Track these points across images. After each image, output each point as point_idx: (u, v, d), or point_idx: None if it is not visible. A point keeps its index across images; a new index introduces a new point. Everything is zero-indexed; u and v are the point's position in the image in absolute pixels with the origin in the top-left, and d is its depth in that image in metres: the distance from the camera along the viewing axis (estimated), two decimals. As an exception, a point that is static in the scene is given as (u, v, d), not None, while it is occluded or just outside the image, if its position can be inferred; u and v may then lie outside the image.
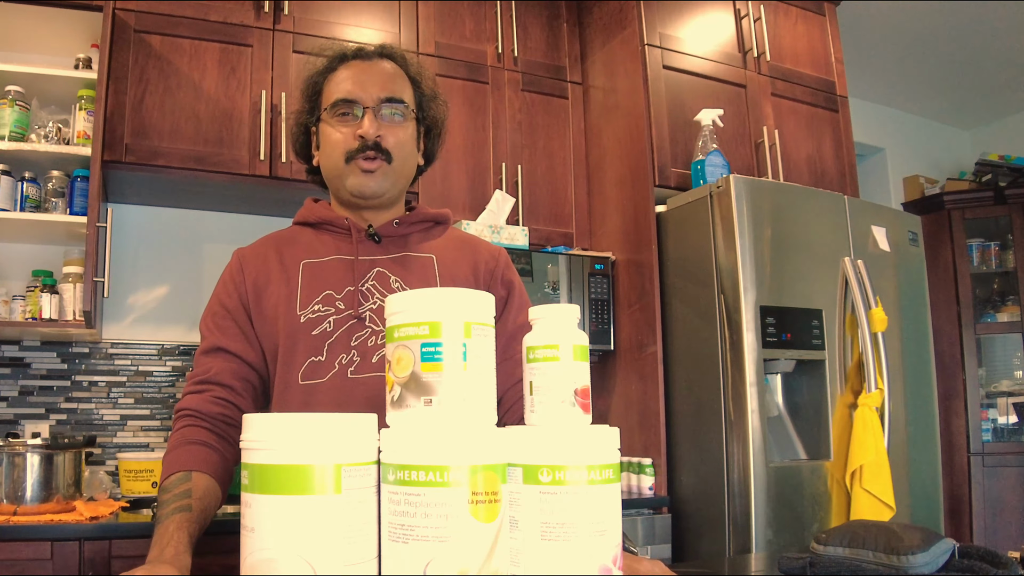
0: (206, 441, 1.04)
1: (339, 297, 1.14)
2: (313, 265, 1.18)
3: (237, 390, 1.12)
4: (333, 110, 1.18)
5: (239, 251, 1.24)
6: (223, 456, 1.06)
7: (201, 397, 1.10)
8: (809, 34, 3.10)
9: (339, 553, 0.60)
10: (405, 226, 1.23)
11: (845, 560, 0.94)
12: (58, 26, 2.34)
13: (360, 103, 1.16)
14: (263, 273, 1.18)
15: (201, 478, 0.99)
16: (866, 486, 2.22)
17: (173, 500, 0.92)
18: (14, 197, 2.20)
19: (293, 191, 2.45)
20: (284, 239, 1.24)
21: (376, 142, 1.15)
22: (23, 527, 1.71)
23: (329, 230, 1.22)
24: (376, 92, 1.17)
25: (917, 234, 2.73)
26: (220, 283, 1.21)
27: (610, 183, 2.79)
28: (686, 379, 2.44)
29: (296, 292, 1.15)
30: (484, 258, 1.26)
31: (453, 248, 1.25)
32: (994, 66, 4.05)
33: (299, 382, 1.10)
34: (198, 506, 0.93)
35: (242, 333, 1.15)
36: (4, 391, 2.39)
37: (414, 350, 0.65)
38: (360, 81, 1.18)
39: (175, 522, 0.87)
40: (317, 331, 1.12)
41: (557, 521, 0.65)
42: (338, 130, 1.17)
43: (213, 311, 1.18)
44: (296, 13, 2.51)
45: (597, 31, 2.93)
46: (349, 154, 1.16)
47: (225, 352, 1.13)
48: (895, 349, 2.50)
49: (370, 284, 1.16)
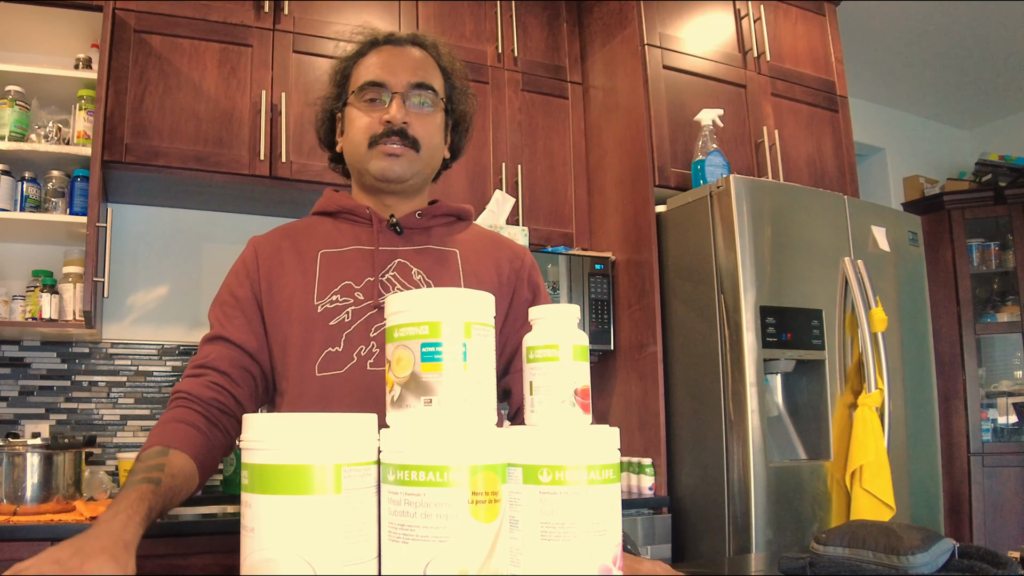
0: (193, 422, 1.02)
1: (358, 288, 1.11)
2: (332, 255, 1.15)
3: (234, 378, 1.10)
4: (360, 94, 1.15)
5: (255, 239, 1.21)
6: (208, 440, 1.03)
7: (197, 381, 1.08)
8: (809, 34, 3.10)
9: (339, 553, 0.60)
10: (427, 218, 1.20)
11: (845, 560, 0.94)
12: (58, 26, 2.34)
13: (389, 87, 1.14)
14: (278, 263, 1.16)
15: (179, 456, 0.96)
16: (866, 486, 2.22)
17: (143, 471, 0.89)
18: (14, 197, 2.20)
19: (293, 191, 2.46)
20: (301, 228, 1.21)
21: (402, 128, 1.12)
22: (23, 527, 1.71)
23: (349, 219, 1.19)
24: (406, 77, 1.14)
25: (917, 234, 2.73)
26: (232, 271, 1.18)
27: (610, 183, 2.79)
28: (686, 379, 2.44)
29: (313, 282, 1.12)
30: (508, 256, 1.23)
31: (477, 244, 1.22)
32: (994, 66, 4.05)
33: (316, 374, 1.08)
34: (168, 482, 0.89)
35: (248, 323, 1.13)
36: (4, 391, 2.39)
37: (414, 350, 0.65)
38: (390, 66, 1.15)
39: (138, 492, 0.83)
40: (335, 321, 1.09)
41: (557, 521, 0.65)
42: (365, 114, 1.14)
43: (222, 300, 1.16)
44: (296, 13, 2.51)
45: (597, 31, 2.93)
46: (374, 138, 1.13)
47: (226, 341, 1.11)
48: (895, 349, 2.50)
49: (391, 275, 1.13)
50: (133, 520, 0.77)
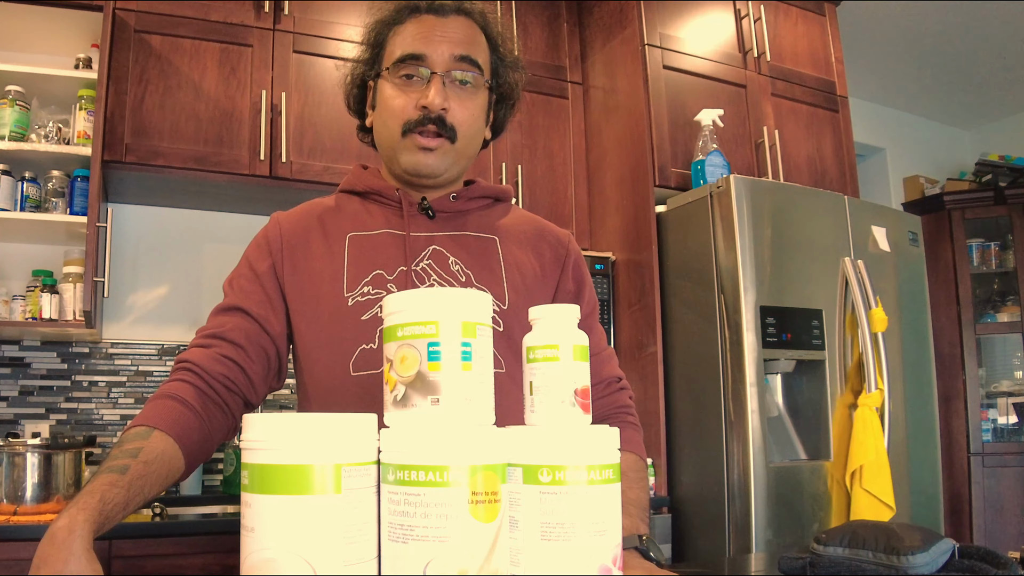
0: (188, 402, 0.92)
1: (391, 278, 1.02)
2: (361, 239, 1.06)
3: (249, 353, 0.99)
4: (396, 68, 1.04)
5: (277, 215, 1.11)
6: (203, 423, 0.93)
7: (206, 352, 0.98)
8: (809, 34, 3.10)
9: (339, 553, 0.60)
10: (463, 201, 1.10)
11: (845, 560, 0.94)
12: (58, 26, 2.34)
13: (428, 62, 1.02)
14: (303, 244, 1.06)
15: (161, 440, 0.86)
16: (866, 486, 2.22)
17: (119, 456, 0.81)
18: (14, 197, 2.20)
19: (293, 191, 2.46)
20: (328, 208, 1.11)
21: (440, 116, 1.02)
22: (23, 527, 1.71)
23: (378, 200, 1.10)
24: (448, 50, 1.02)
25: (917, 234, 2.73)
26: (253, 246, 1.09)
27: (610, 183, 2.79)
28: (686, 379, 2.44)
29: (342, 270, 1.03)
30: (551, 243, 1.14)
31: (517, 230, 1.13)
32: (994, 66, 4.05)
33: (351, 373, 0.99)
34: (139, 470, 0.80)
35: (268, 299, 1.03)
36: (4, 391, 2.39)
37: (420, 349, 0.65)
38: (430, 38, 1.03)
39: (106, 481, 0.76)
40: (367, 316, 1.00)
41: (557, 521, 0.65)
42: (400, 93, 1.03)
43: (240, 273, 1.06)
44: (296, 13, 2.51)
45: (597, 31, 2.93)
46: (408, 125, 1.02)
47: (244, 313, 1.01)
48: (895, 349, 2.50)
49: (425, 264, 1.04)
50: (77, 519, 0.70)
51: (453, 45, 1.03)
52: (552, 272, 1.12)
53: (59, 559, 0.67)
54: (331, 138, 2.47)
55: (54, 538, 0.69)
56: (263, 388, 1.04)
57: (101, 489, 0.75)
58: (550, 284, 1.12)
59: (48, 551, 0.68)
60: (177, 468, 0.88)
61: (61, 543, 0.68)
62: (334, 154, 2.46)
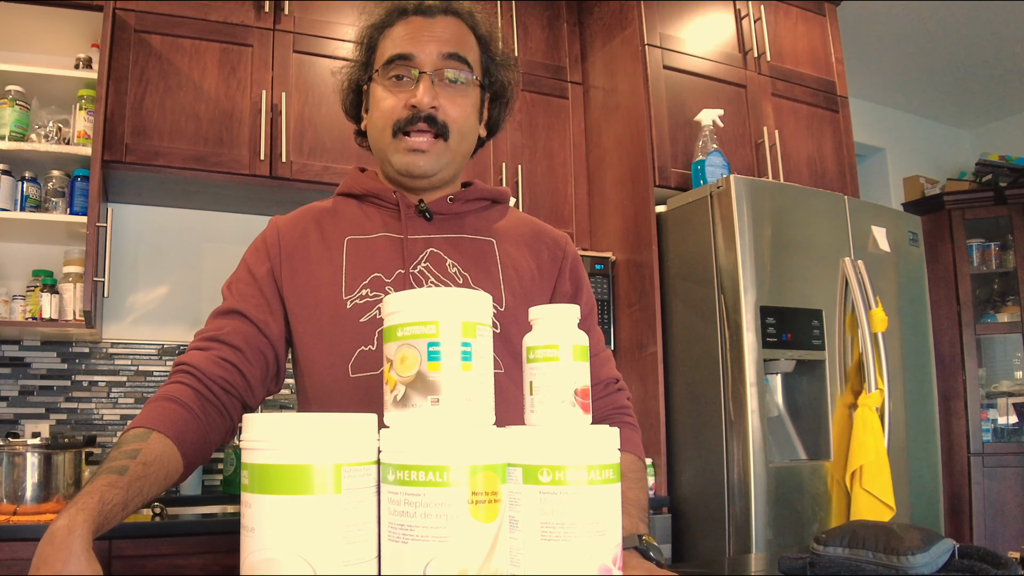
0: (188, 404, 0.93)
1: (389, 281, 1.03)
2: (359, 242, 1.07)
3: (247, 357, 1.00)
4: (386, 70, 1.05)
5: (276, 219, 1.12)
6: (202, 425, 0.94)
7: (204, 355, 0.98)
8: (809, 34, 3.10)
9: (339, 553, 0.60)
10: (460, 203, 1.11)
11: (845, 560, 0.94)
12: (58, 26, 2.34)
13: (416, 62, 1.03)
14: (302, 248, 1.07)
15: (160, 442, 0.87)
16: (866, 486, 2.22)
17: (118, 457, 0.81)
18: (14, 197, 2.20)
19: (293, 191, 2.46)
20: (326, 211, 1.12)
21: (431, 114, 1.02)
22: (23, 527, 1.71)
23: (375, 203, 1.11)
24: (436, 49, 1.04)
25: (917, 234, 2.73)
26: (251, 250, 1.10)
27: (610, 183, 2.79)
28: (686, 379, 2.44)
29: (341, 273, 1.04)
30: (548, 245, 1.14)
31: (515, 232, 1.13)
32: (994, 66, 4.05)
33: (350, 375, 1.00)
34: (138, 471, 0.80)
35: (267, 303, 1.04)
36: (4, 391, 2.39)
37: (420, 349, 0.65)
38: (418, 38, 1.04)
39: (105, 482, 0.76)
40: (365, 318, 1.01)
41: (557, 521, 0.65)
42: (389, 94, 1.04)
43: (238, 277, 1.07)
44: (296, 13, 2.51)
45: (597, 31, 2.93)
46: (398, 125, 1.03)
47: (243, 316, 1.02)
48: (895, 349, 2.50)
49: (423, 266, 1.05)
50: (76, 520, 0.71)
51: (441, 44, 1.04)
52: (549, 274, 1.12)
53: (59, 559, 0.67)
54: (331, 138, 2.47)
55: (53, 538, 0.69)
56: (261, 391, 1.04)
57: (100, 489, 0.75)
58: (547, 286, 1.13)
59: (47, 551, 0.68)
60: (176, 470, 0.89)
61: (60, 543, 0.68)
62: (334, 154, 2.46)
